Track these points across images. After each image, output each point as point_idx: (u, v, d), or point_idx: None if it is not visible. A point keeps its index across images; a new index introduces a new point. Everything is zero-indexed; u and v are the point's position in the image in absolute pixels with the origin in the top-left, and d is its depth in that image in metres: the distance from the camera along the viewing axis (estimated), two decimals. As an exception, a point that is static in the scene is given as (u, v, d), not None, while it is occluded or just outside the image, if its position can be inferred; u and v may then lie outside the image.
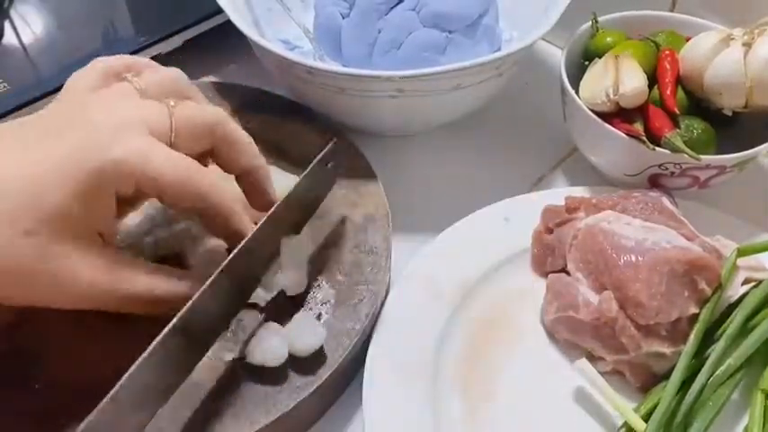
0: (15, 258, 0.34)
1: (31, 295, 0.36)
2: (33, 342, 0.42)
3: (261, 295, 0.44)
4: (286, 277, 0.44)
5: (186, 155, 0.38)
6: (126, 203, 0.41)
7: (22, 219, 0.34)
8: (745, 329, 0.42)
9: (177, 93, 0.41)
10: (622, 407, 0.40)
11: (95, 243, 0.37)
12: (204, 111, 0.41)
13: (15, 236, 0.34)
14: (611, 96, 0.49)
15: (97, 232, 0.37)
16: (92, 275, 0.36)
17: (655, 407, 0.40)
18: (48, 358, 0.41)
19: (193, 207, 0.39)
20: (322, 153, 0.45)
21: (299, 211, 0.45)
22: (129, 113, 0.37)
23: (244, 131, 0.42)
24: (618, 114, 0.50)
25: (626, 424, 0.40)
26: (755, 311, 0.43)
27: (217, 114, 0.41)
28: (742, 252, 0.44)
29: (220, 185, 0.40)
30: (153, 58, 0.61)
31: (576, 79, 0.53)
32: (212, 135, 0.40)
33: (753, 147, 0.48)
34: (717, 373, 0.41)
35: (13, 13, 0.65)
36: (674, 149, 0.48)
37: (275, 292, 0.45)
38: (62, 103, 0.39)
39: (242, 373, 0.41)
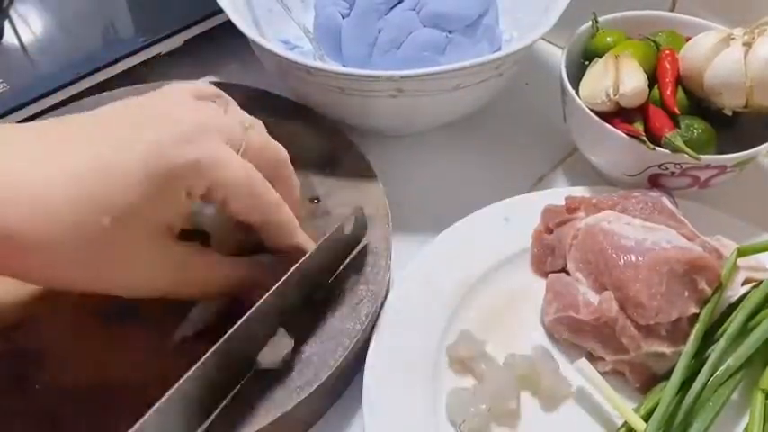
0: (86, 245, 0.35)
1: (96, 282, 0.37)
2: (33, 343, 0.42)
3: None
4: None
5: None
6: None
7: (99, 215, 0.34)
8: (745, 329, 0.42)
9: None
10: (622, 407, 0.40)
11: (166, 238, 0.38)
12: (275, 143, 0.43)
13: (89, 225, 0.34)
14: (611, 96, 0.49)
15: (167, 228, 0.38)
16: (163, 269, 0.38)
17: (655, 407, 0.40)
18: (48, 359, 0.41)
19: (256, 219, 0.40)
20: (338, 225, 0.44)
21: (315, 277, 0.45)
22: (209, 119, 0.38)
23: (297, 185, 0.44)
24: (618, 114, 0.50)
25: (626, 424, 0.40)
26: (755, 311, 0.43)
27: (284, 153, 0.43)
28: (742, 252, 0.44)
29: (284, 203, 0.41)
30: (153, 58, 0.61)
31: (576, 79, 0.53)
32: (275, 168, 0.42)
33: (753, 147, 0.48)
34: (717, 373, 0.41)
35: (13, 13, 0.65)
36: (674, 149, 0.48)
37: None
38: (146, 98, 0.39)
39: (242, 373, 0.41)
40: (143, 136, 0.36)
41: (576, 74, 0.53)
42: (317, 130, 0.54)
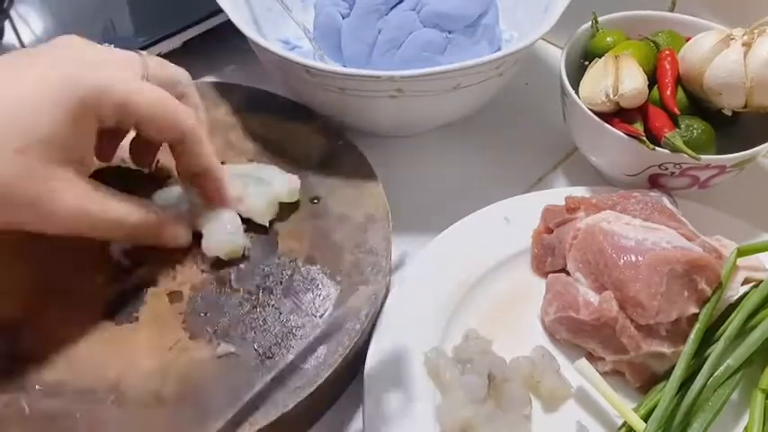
0: (3, 175, 0.36)
1: (12, 214, 0.38)
2: (34, 343, 0.42)
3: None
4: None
5: None
6: (109, 138, 0.45)
7: (13, 137, 0.36)
8: (744, 330, 0.42)
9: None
10: (622, 407, 0.40)
11: (77, 169, 0.39)
12: (173, 64, 0.45)
13: (5, 153, 0.36)
14: (611, 96, 0.49)
15: (78, 160, 0.39)
16: (74, 198, 0.39)
17: (654, 407, 0.40)
18: (48, 359, 0.41)
19: (171, 136, 0.42)
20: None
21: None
22: (109, 52, 0.42)
23: (200, 103, 0.47)
24: (618, 114, 0.50)
25: (626, 424, 0.40)
26: (755, 312, 0.43)
27: (184, 72, 0.46)
28: (742, 252, 0.44)
29: (193, 116, 0.44)
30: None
31: (575, 79, 0.53)
32: (176, 87, 0.44)
33: (753, 147, 0.48)
34: (716, 373, 0.41)
35: (13, 13, 0.65)
36: (674, 149, 0.48)
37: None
38: (50, 43, 0.41)
39: (242, 372, 0.41)
40: (55, 67, 0.38)
41: (576, 74, 0.53)
42: (317, 130, 0.54)
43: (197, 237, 0.46)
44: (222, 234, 0.45)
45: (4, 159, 0.36)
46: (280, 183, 0.48)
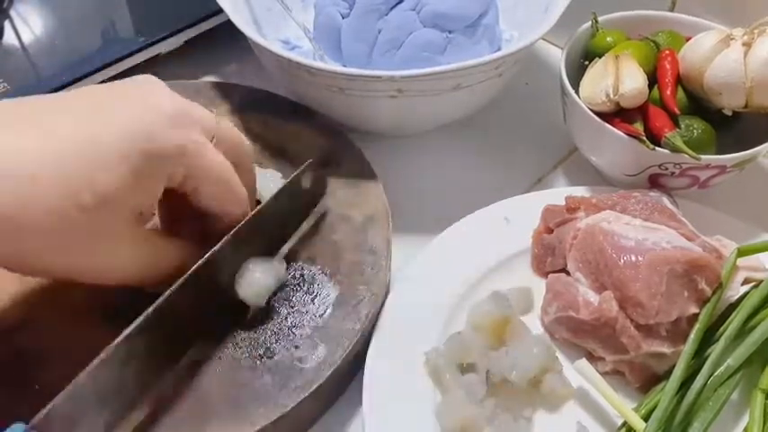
0: (68, 229, 0.34)
1: (72, 267, 0.36)
2: (34, 343, 0.42)
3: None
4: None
5: None
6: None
7: (80, 191, 0.33)
8: (744, 330, 0.42)
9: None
10: (622, 407, 0.40)
11: (137, 222, 0.38)
12: (241, 135, 0.43)
13: (72, 207, 0.33)
14: (611, 96, 0.49)
15: (141, 213, 0.38)
16: (133, 255, 0.38)
17: (655, 407, 0.40)
18: (48, 359, 0.41)
19: (221, 210, 0.41)
20: (294, 175, 0.46)
21: (273, 229, 0.46)
22: (190, 107, 0.39)
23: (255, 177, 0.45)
24: (618, 114, 0.50)
25: (626, 424, 0.40)
26: (755, 312, 0.43)
27: (249, 145, 0.44)
28: (742, 252, 0.44)
29: (247, 202, 0.42)
30: (153, 58, 0.61)
31: (575, 79, 0.53)
32: (240, 159, 0.42)
33: (753, 147, 0.48)
34: (716, 373, 0.41)
35: (13, 13, 0.65)
36: (674, 149, 0.48)
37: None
38: (127, 82, 0.39)
39: (242, 372, 0.41)
40: (132, 117, 0.35)
41: (576, 74, 0.53)
42: (317, 130, 0.54)
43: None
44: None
45: (71, 214, 0.33)
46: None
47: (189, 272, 0.39)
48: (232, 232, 0.41)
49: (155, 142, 0.35)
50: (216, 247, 0.40)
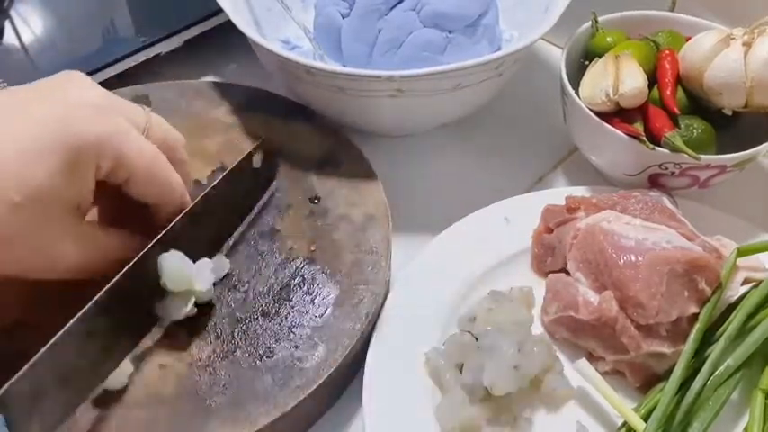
0: (4, 228, 0.35)
1: (14, 266, 0.37)
2: (34, 343, 0.42)
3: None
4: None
5: None
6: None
7: (13, 189, 0.34)
8: (744, 330, 0.42)
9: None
10: (622, 407, 0.40)
11: (75, 216, 0.38)
12: (173, 129, 0.43)
13: (3, 207, 0.34)
14: (611, 96, 0.49)
15: (77, 206, 0.38)
16: (75, 248, 0.38)
17: (655, 407, 0.40)
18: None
19: (155, 199, 0.41)
20: (246, 153, 0.47)
21: (225, 211, 0.47)
22: (115, 99, 0.39)
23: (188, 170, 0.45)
24: (618, 114, 0.50)
25: (626, 424, 0.40)
26: (755, 312, 0.43)
27: (182, 137, 0.44)
28: (742, 252, 0.44)
29: (184, 189, 0.42)
30: (153, 58, 0.61)
31: (575, 79, 0.53)
32: (173, 152, 0.42)
33: (753, 147, 0.48)
34: (716, 372, 0.41)
35: (13, 13, 0.65)
36: (674, 149, 0.48)
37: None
38: (51, 80, 0.40)
39: (242, 372, 0.41)
40: (52, 112, 0.36)
41: (576, 74, 0.53)
42: (316, 130, 0.54)
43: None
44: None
45: (5, 213, 0.34)
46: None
47: (141, 253, 0.40)
48: (182, 214, 0.42)
49: (77, 134, 0.36)
50: (162, 233, 0.41)
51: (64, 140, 0.35)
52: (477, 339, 0.42)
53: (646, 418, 0.39)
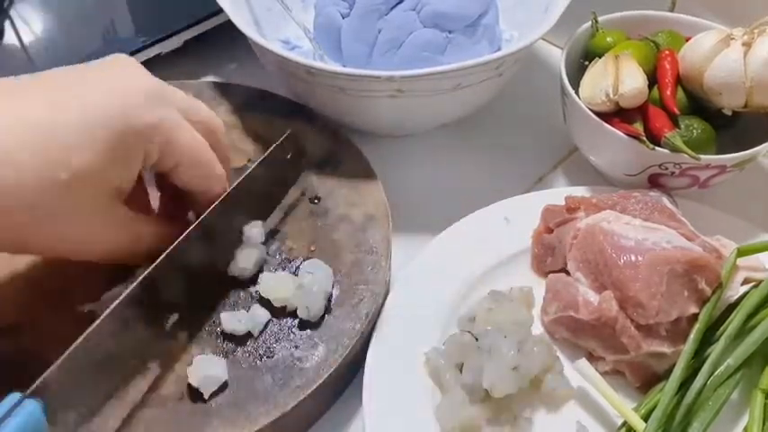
0: (48, 204, 0.35)
1: (57, 243, 0.37)
2: (34, 343, 0.42)
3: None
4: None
5: None
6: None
7: (59, 169, 0.34)
8: (744, 330, 0.42)
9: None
10: (622, 407, 0.40)
11: (115, 200, 0.39)
12: (216, 116, 0.44)
13: (50, 185, 0.34)
14: (611, 96, 0.49)
15: (121, 189, 0.38)
16: (113, 231, 0.39)
17: (655, 407, 0.40)
18: (48, 359, 0.41)
19: (199, 188, 0.42)
20: (278, 141, 0.47)
21: (259, 198, 0.47)
22: (166, 86, 0.39)
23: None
24: (618, 114, 0.50)
25: (626, 424, 0.40)
26: (755, 312, 0.43)
27: (222, 125, 0.44)
28: (742, 252, 0.44)
29: (224, 176, 0.43)
30: (153, 58, 0.61)
31: (575, 79, 0.53)
32: (216, 141, 0.43)
33: (753, 147, 0.48)
34: (716, 372, 0.41)
35: (13, 13, 0.65)
36: (674, 149, 0.48)
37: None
38: (104, 62, 0.40)
39: (242, 372, 0.41)
40: (105, 97, 0.36)
41: (576, 74, 0.53)
42: (317, 130, 0.54)
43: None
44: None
45: (52, 189, 0.34)
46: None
47: (180, 238, 0.40)
48: (221, 198, 0.43)
49: (128, 121, 0.36)
50: (203, 215, 0.42)
51: (116, 126, 0.36)
52: (477, 339, 0.42)
53: (646, 418, 0.39)
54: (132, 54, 0.60)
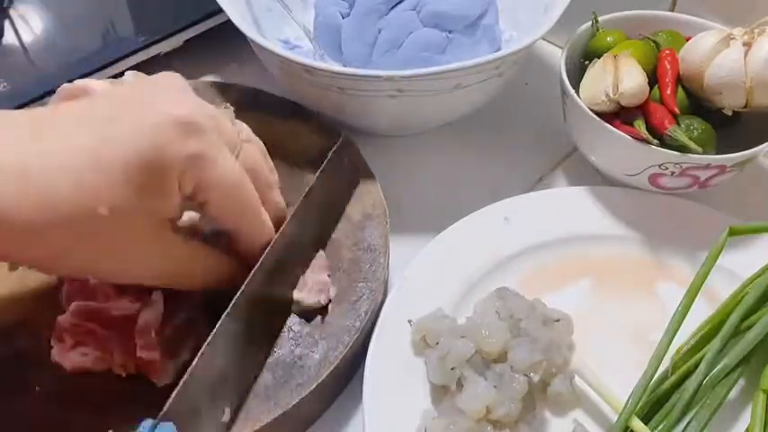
0: (91, 235, 0.34)
1: (92, 270, 0.37)
2: (34, 345, 0.42)
3: None
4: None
5: None
6: None
7: (95, 204, 0.33)
8: (740, 329, 0.42)
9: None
10: (621, 406, 0.40)
11: (164, 227, 0.37)
12: (270, 164, 0.43)
13: (91, 218, 0.33)
14: (611, 96, 0.49)
15: (163, 219, 0.37)
16: (163, 261, 0.38)
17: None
18: (48, 361, 0.41)
19: (235, 227, 0.40)
20: (332, 151, 0.47)
21: (321, 212, 0.47)
22: (203, 111, 0.37)
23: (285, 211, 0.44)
24: (618, 114, 0.50)
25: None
26: (752, 311, 0.43)
27: (276, 177, 0.44)
28: (734, 231, 0.44)
29: (266, 217, 0.41)
30: (153, 58, 0.61)
31: (576, 79, 0.53)
32: (261, 176, 0.41)
33: (753, 147, 0.48)
34: (713, 372, 0.41)
35: (13, 12, 0.65)
36: (677, 142, 0.48)
37: None
38: (147, 83, 0.38)
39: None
40: (139, 128, 0.34)
41: (576, 74, 0.53)
42: (316, 130, 0.54)
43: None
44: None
45: (95, 225, 0.33)
46: None
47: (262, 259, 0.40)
48: (292, 213, 0.43)
49: (159, 155, 0.34)
50: (280, 231, 0.42)
51: (145, 162, 0.34)
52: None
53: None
54: (132, 54, 0.60)
